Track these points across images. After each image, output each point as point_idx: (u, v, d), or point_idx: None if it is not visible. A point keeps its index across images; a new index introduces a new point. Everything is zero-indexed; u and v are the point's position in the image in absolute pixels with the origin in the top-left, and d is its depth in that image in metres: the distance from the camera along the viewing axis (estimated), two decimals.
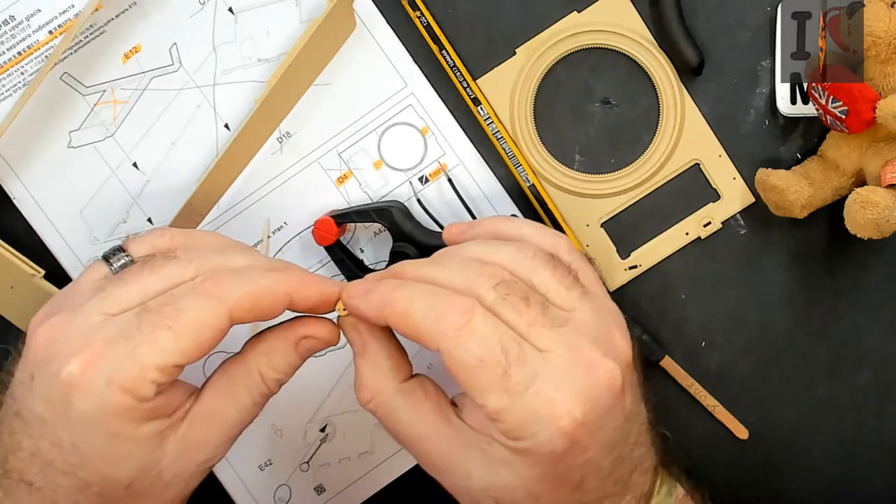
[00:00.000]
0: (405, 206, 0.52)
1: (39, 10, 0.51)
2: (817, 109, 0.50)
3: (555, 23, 0.53)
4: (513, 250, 0.41)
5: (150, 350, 0.38)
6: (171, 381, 0.39)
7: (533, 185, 0.53)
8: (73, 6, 0.51)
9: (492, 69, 0.53)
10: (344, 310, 0.42)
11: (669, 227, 0.54)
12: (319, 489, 0.55)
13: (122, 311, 0.39)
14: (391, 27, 0.52)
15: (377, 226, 0.53)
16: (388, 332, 0.42)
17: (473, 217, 0.53)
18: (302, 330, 0.42)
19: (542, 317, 0.39)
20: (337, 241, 0.52)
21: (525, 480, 0.39)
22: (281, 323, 0.43)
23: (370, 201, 0.53)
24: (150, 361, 0.38)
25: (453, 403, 0.42)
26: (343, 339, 0.53)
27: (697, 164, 0.54)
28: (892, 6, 0.46)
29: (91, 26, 0.51)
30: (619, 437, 0.40)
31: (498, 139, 0.53)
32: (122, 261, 0.42)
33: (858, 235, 0.47)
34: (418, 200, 0.53)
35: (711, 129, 0.53)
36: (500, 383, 0.37)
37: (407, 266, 0.42)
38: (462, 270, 0.40)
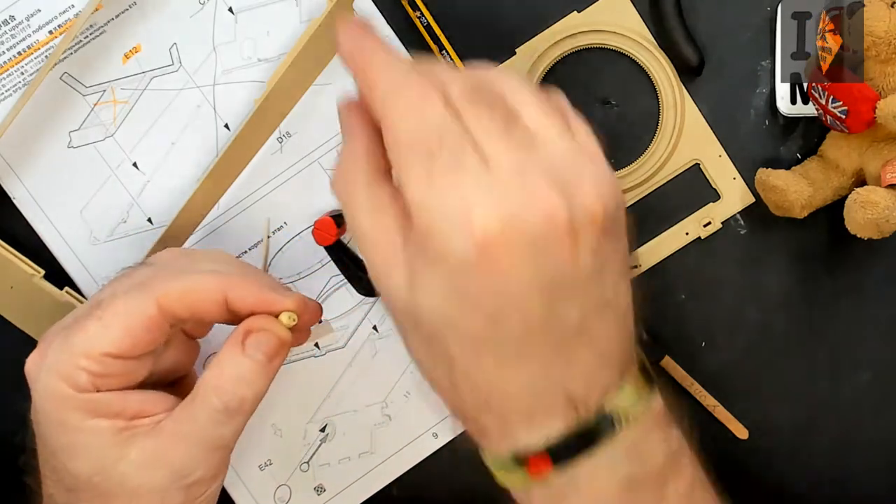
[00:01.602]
0: None
1: (39, 10, 0.51)
2: (817, 109, 0.50)
3: (555, 23, 0.53)
4: (506, 74, 0.38)
5: (80, 338, 0.40)
6: (117, 378, 0.41)
7: None
8: (73, 6, 0.51)
9: None
10: (292, 319, 0.42)
11: (669, 227, 0.54)
12: (319, 489, 0.55)
13: (91, 305, 0.42)
14: (391, 27, 0.52)
15: None
16: (378, 133, 0.38)
17: None
18: (241, 328, 0.42)
19: (502, 129, 0.36)
20: (337, 241, 0.52)
21: (440, 298, 0.35)
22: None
23: None
24: (79, 349, 0.40)
25: None
26: (344, 340, 0.54)
27: (697, 164, 0.54)
28: (892, 6, 0.46)
29: (91, 26, 0.51)
30: (559, 290, 0.35)
31: None
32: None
33: (858, 235, 0.47)
34: None
35: (711, 129, 0.53)
36: (423, 164, 0.35)
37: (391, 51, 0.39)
38: (439, 68, 0.38)
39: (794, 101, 0.52)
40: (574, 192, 0.35)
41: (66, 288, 0.51)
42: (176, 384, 0.47)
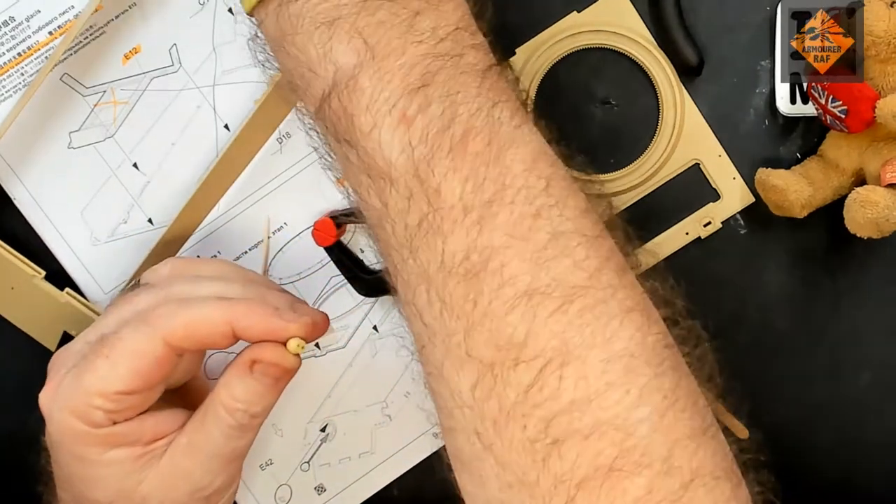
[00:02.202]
0: None
1: (39, 11, 0.51)
2: (817, 109, 0.50)
3: (555, 23, 0.53)
4: None
5: (92, 378, 0.40)
6: (133, 409, 0.41)
7: None
8: (72, 7, 0.51)
9: None
10: (300, 346, 0.41)
11: (669, 227, 0.54)
12: (320, 489, 0.55)
13: (96, 338, 0.41)
14: None
15: None
16: None
17: None
18: (248, 355, 0.42)
19: None
20: (337, 242, 0.52)
21: None
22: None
23: None
24: (93, 388, 0.39)
25: None
26: (344, 340, 0.54)
27: (697, 164, 0.54)
28: (891, 5, 0.46)
29: (91, 27, 0.51)
30: None
31: None
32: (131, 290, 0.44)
33: (858, 235, 0.47)
34: None
35: (711, 128, 0.53)
36: None
37: None
38: None
39: (793, 101, 0.52)
40: None
41: (67, 289, 0.51)
42: (182, 387, 0.47)
